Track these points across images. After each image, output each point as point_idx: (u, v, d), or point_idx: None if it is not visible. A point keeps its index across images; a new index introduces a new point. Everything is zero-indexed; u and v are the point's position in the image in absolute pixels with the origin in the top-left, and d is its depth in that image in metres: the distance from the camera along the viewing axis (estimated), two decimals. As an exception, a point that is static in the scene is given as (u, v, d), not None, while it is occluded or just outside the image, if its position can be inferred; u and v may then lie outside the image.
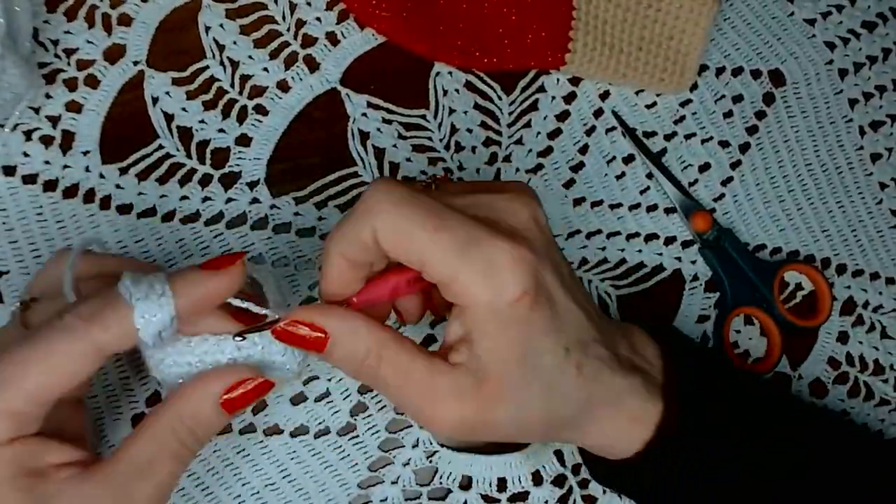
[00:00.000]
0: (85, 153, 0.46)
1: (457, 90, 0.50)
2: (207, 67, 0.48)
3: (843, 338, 0.52)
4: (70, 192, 0.46)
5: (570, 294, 0.35)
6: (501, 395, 0.34)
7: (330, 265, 0.35)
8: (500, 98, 0.51)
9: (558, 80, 0.52)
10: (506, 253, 0.33)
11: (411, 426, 0.46)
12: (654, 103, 0.52)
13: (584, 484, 0.47)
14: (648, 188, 0.51)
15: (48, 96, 0.46)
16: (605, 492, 0.47)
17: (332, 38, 0.50)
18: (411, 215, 0.33)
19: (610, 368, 0.36)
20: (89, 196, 0.46)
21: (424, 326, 0.47)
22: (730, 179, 0.52)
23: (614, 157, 0.51)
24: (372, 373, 0.34)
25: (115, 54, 0.47)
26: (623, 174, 0.51)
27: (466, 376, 0.34)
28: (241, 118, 0.48)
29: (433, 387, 0.34)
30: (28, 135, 0.46)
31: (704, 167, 0.52)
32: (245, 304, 0.35)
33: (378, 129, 0.49)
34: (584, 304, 0.36)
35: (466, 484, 0.46)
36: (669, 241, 0.51)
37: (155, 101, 0.47)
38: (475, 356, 0.34)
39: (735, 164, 0.52)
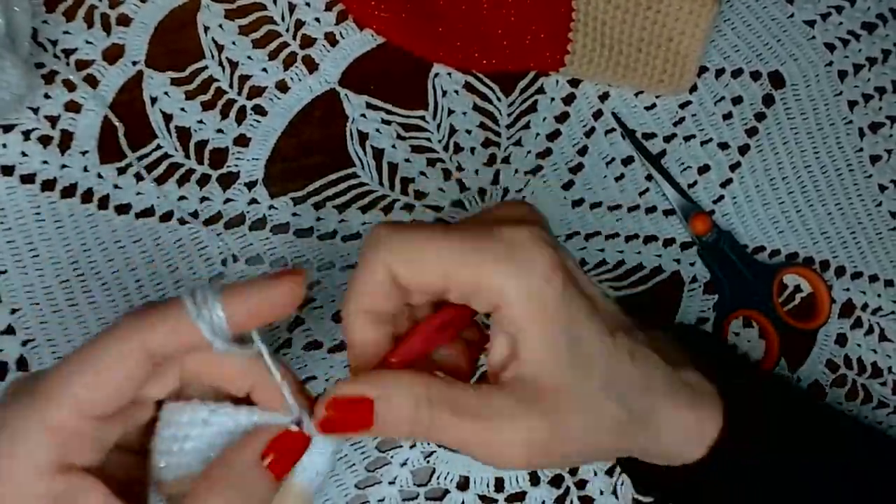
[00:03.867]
0: (83, 153, 0.46)
1: (456, 91, 0.50)
2: (206, 68, 0.48)
3: (841, 340, 0.52)
4: (68, 191, 0.46)
5: (587, 280, 0.34)
6: (565, 400, 0.32)
7: (353, 330, 0.32)
8: (499, 99, 0.51)
9: (557, 81, 0.52)
10: (523, 232, 0.31)
11: (409, 427, 0.46)
12: (654, 105, 0.52)
13: (580, 484, 0.47)
14: (647, 190, 0.51)
15: (47, 96, 0.46)
16: (601, 492, 0.47)
17: (331, 39, 0.50)
18: (417, 235, 0.31)
19: (659, 356, 0.34)
20: (87, 196, 0.46)
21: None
22: (729, 181, 0.52)
23: (613, 159, 0.51)
24: (426, 422, 0.31)
25: (113, 54, 0.47)
26: (622, 176, 0.51)
27: (522, 388, 0.31)
28: (240, 118, 0.48)
29: (490, 410, 0.31)
30: (26, 134, 0.46)
31: (704, 169, 0.52)
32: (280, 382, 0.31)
33: (377, 130, 0.49)
34: (604, 298, 0.34)
35: (464, 484, 0.46)
36: (668, 242, 0.51)
37: (154, 101, 0.47)
38: (524, 362, 0.32)
39: (734, 166, 0.52)
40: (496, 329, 0.33)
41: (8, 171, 0.46)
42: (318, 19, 0.50)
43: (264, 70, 0.49)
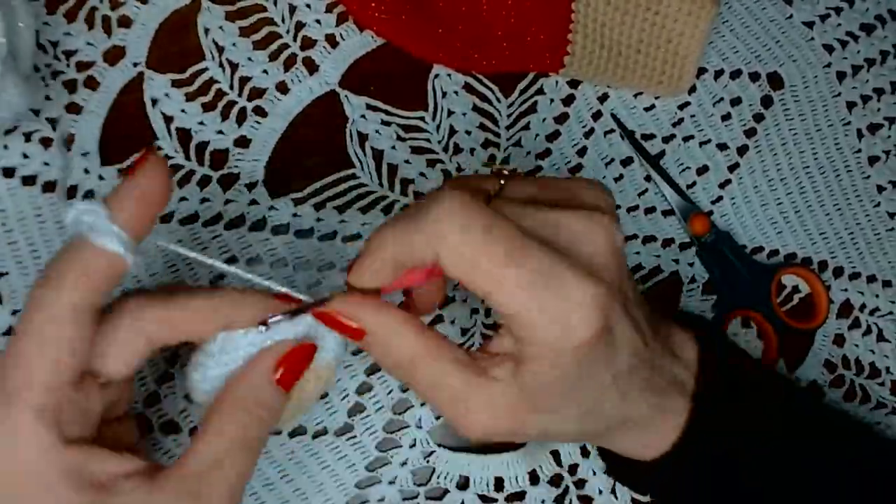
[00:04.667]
0: (84, 154, 0.47)
1: (455, 92, 0.51)
2: (207, 69, 0.48)
3: (839, 341, 0.52)
4: (69, 193, 0.46)
5: (630, 319, 0.34)
6: (537, 414, 0.33)
7: (374, 262, 0.33)
8: (498, 100, 0.51)
9: (557, 82, 0.52)
10: (579, 294, 0.31)
11: (408, 427, 0.47)
12: (653, 106, 0.52)
13: (580, 484, 0.47)
14: (646, 190, 0.52)
15: (47, 98, 0.47)
16: (601, 492, 0.47)
17: (332, 40, 0.50)
18: (481, 245, 0.30)
19: (651, 390, 0.35)
20: (88, 197, 0.46)
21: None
22: (728, 182, 0.52)
23: (612, 160, 0.52)
24: (406, 376, 0.34)
25: (114, 56, 0.48)
26: (621, 176, 0.51)
27: (503, 395, 0.33)
28: (241, 120, 0.48)
29: (466, 400, 0.33)
30: (27, 136, 0.46)
31: (702, 170, 0.52)
32: (283, 290, 0.34)
33: (377, 131, 0.49)
34: (641, 325, 0.35)
35: (463, 484, 0.46)
36: (667, 243, 0.51)
37: (154, 102, 0.47)
38: (519, 378, 0.33)
39: (733, 167, 0.52)
40: (507, 332, 0.34)
41: (9, 172, 0.46)
42: (318, 21, 0.50)
43: (265, 71, 0.49)
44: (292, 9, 0.50)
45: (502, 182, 0.35)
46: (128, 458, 0.31)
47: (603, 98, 0.52)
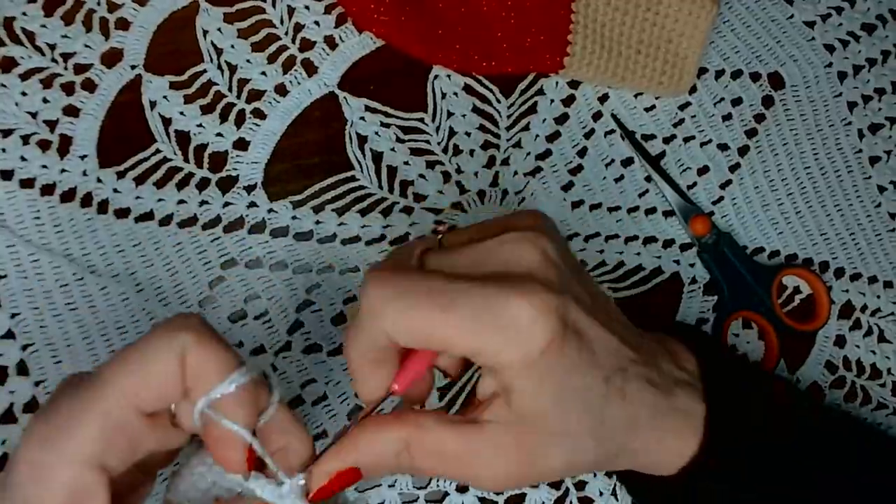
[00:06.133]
0: (82, 157, 0.46)
1: (455, 93, 0.50)
2: (205, 71, 0.48)
3: (840, 341, 0.52)
4: (67, 196, 0.46)
5: (598, 321, 0.34)
6: (549, 442, 0.34)
7: (357, 374, 0.34)
8: (498, 101, 0.51)
9: (557, 83, 0.51)
10: (522, 307, 0.32)
11: (409, 430, 0.47)
12: (653, 106, 0.52)
13: (580, 486, 0.47)
14: (647, 191, 0.51)
15: (45, 100, 0.46)
16: (601, 493, 0.47)
17: (331, 42, 0.50)
18: (416, 306, 0.32)
19: (653, 388, 0.35)
20: (87, 200, 0.46)
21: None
22: (728, 182, 0.52)
23: (613, 160, 0.51)
24: (409, 465, 0.34)
25: (112, 58, 0.47)
26: (622, 177, 0.51)
27: (504, 433, 0.33)
28: (239, 122, 0.48)
29: (471, 453, 0.33)
30: (25, 139, 0.46)
31: (703, 170, 0.52)
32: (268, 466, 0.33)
33: (376, 133, 0.49)
34: (615, 328, 0.35)
35: (463, 487, 0.46)
36: (668, 244, 0.51)
37: (153, 104, 0.47)
38: (512, 410, 0.33)
39: (734, 168, 0.52)
40: (485, 373, 0.34)
41: (7, 175, 0.45)
42: (317, 22, 0.50)
43: (263, 73, 0.49)
44: (291, 10, 0.49)
45: (440, 237, 0.37)
46: None
47: (603, 98, 0.52)
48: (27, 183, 0.46)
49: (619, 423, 0.35)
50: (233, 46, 0.49)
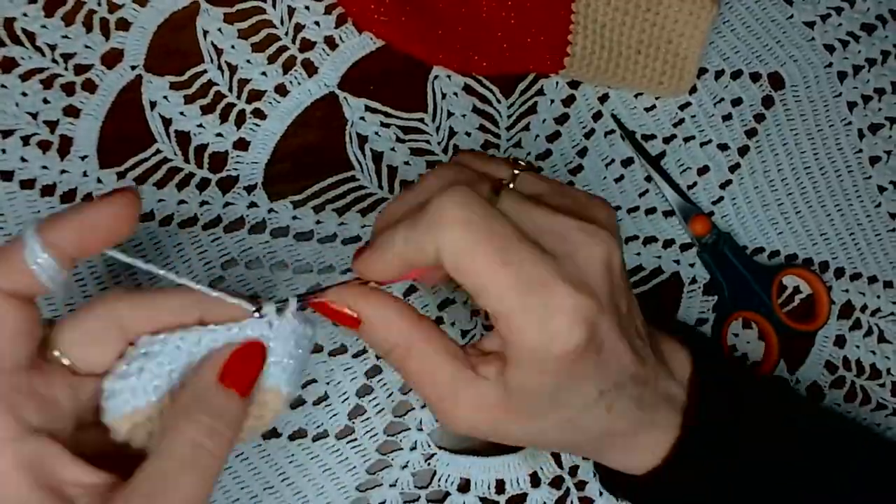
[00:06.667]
0: (83, 158, 0.46)
1: (455, 93, 0.50)
2: (205, 72, 0.48)
3: (840, 342, 0.52)
4: (68, 196, 0.46)
5: (624, 336, 0.34)
6: (521, 418, 0.34)
7: (382, 260, 0.33)
8: (498, 101, 0.51)
9: (557, 83, 0.52)
10: (566, 304, 0.31)
11: (409, 429, 0.47)
12: (653, 106, 0.52)
13: (581, 486, 0.47)
14: (647, 191, 0.51)
15: (46, 101, 0.46)
16: (601, 493, 0.47)
17: (331, 42, 0.50)
18: (480, 243, 0.31)
19: (638, 405, 0.35)
20: (87, 201, 0.46)
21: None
22: (728, 182, 0.52)
23: (613, 160, 0.51)
24: (398, 363, 0.34)
25: (112, 59, 0.47)
26: (622, 177, 0.51)
27: (490, 394, 0.33)
28: (239, 122, 0.48)
29: (454, 394, 0.33)
30: (25, 140, 0.46)
31: (703, 170, 0.52)
32: (218, 294, 0.32)
33: (376, 133, 0.49)
34: (635, 343, 0.35)
35: (465, 486, 0.46)
36: (668, 244, 0.51)
37: (153, 105, 0.47)
38: (505, 380, 0.33)
39: (734, 168, 0.52)
40: (497, 333, 0.33)
41: (7, 176, 0.46)
42: (317, 23, 0.50)
43: (263, 74, 0.49)
44: (291, 11, 0.49)
45: (516, 172, 0.36)
46: (91, 471, 0.29)
47: (603, 98, 0.52)
48: (27, 184, 0.46)
49: (595, 431, 0.35)
50: (233, 47, 0.49)
